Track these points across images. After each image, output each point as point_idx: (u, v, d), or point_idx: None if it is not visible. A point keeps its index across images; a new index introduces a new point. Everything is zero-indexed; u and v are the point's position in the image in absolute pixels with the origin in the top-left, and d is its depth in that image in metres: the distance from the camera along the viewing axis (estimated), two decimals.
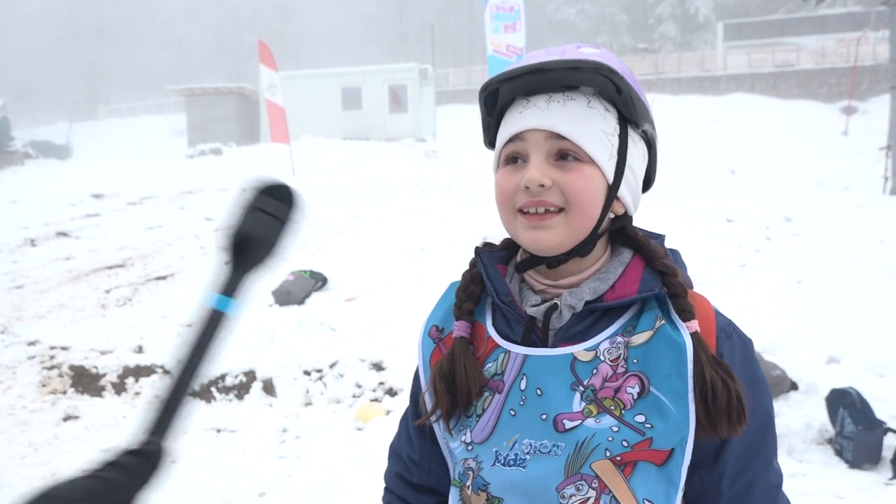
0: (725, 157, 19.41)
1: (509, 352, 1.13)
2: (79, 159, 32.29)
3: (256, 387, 6.77)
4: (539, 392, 1.09)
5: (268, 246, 0.86)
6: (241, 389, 6.78)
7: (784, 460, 5.20)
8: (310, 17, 74.03)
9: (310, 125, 25.74)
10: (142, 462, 0.73)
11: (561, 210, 1.09)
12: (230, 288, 0.84)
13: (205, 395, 6.76)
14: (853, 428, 5.10)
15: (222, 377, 6.86)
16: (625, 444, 1.04)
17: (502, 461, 1.10)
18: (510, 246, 1.25)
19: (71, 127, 40.68)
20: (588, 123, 1.09)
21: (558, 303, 1.12)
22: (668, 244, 1.25)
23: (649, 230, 1.24)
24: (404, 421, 1.33)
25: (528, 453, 1.08)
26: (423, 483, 1.31)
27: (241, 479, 5.11)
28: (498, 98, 1.17)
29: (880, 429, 5.12)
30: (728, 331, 1.12)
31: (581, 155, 1.09)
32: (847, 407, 5.20)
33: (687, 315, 1.08)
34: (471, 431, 1.14)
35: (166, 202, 14.71)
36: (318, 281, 8.56)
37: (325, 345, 7.17)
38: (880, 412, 5.24)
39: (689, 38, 52.86)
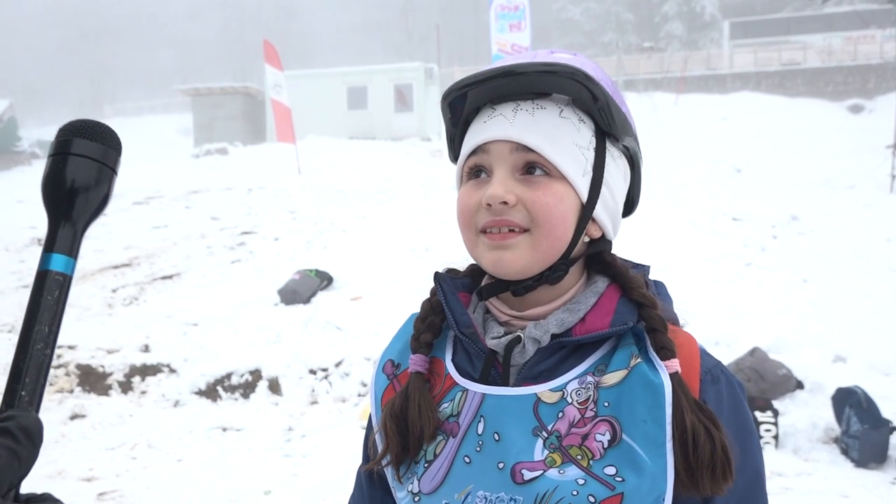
0: (731, 156, 19.36)
1: (467, 390, 1.00)
2: None
3: (262, 386, 6.78)
4: (497, 437, 0.96)
5: (99, 195, 0.79)
6: (247, 388, 6.80)
7: (790, 459, 5.20)
8: (314, 17, 74.12)
9: (315, 125, 25.74)
10: (20, 438, 0.66)
11: (526, 230, 0.97)
12: (69, 246, 0.76)
13: (210, 393, 6.79)
14: (859, 427, 5.09)
15: (228, 376, 6.88)
16: (591, 499, 0.90)
17: None
18: (475, 273, 1.12)
19: None
20: (559, 135, 0.97)
21: (521, 335, 1.00)
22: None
23: (634, 261, 1.12)
24: (358, 474, 1.18)
25: None
26: None
27: (247, 478, 5.13)
28: (465, 106, 1.05)
29: (886, 428, 5.11)
30: (715, 373, 0.99)
31: (550, 169, 0.97)
32: (853, 406, 5.20)
33: (666, 353, 0.95)
34: (418, 480, 1.01)
35: (172, 202, 14.74)
36: (323, 280, 8.58)
37: (330, 344, 7.19)
38: (886, 411, 5.23)
39: (696, 36, 52.74)
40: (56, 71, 70.66)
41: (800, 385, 5.91)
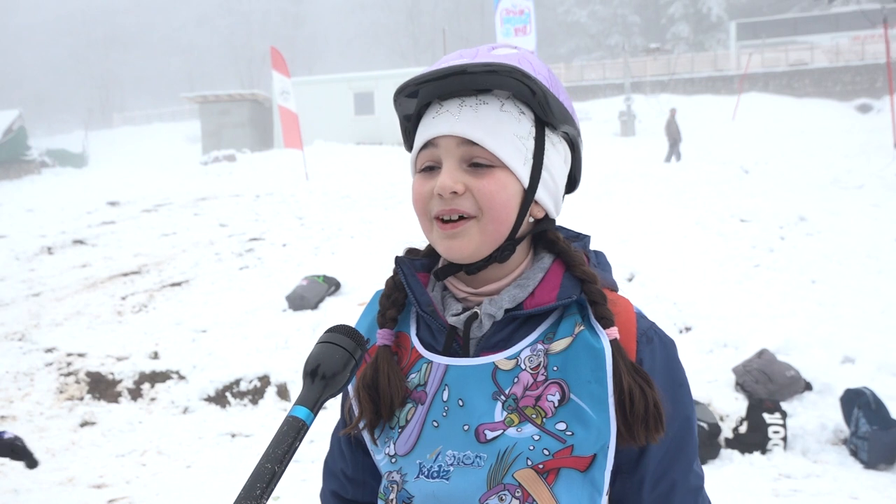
0: (739, 157, 19.33)
1: (432, 362, 1.12)
2: (94, 167, 32.57)
3: (271, 392, 6.81)
4: (461, 403, 1.08)
5: (344, 376, 1.01)
6: (256, 394, 6.82)
7: (799, 461, 5.19)
8: (321, 23, 74.35)
9: (323, 130, 25.84)
10: None
11: (474, 217, 1.08)
12: (313, 404, 0.99)
13: (219, 400, 6.81)
14: (868, 428, 5.07)
15: (237, 382, 6.90)
16: (546, 452, 1.03)
17: (426, 473, 1.08)
18: (433, 253, 1.23)
19: (86, 135, 41.08)
20: (500, 128, 1.07)
21: (478, 312, 1.11)
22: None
23: (574, 231, 1.22)
24: (335, 435, 1.29)
25: (451, 465, 1.07)
26: (357, 499, 1.27)
27: None
28: (416, 101, 1.14)
29: (895, 429, 5.09)
30: (649, 335, 1.11)
31: (493, 160, 1.07)
32: (862, 407, 5.18)
33: (606, 322, 1.07)
34: (394, 443, 1.12)
35: (181, 209, 14.80)
36: (331, 286, 8.60)
37: None
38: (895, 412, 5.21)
39: (702, 38, 52.64)
40: (65, 80, 71.06)
41: (808, 386, 5.89)
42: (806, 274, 8.54)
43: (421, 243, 1.33)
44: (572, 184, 1.22)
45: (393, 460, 1.13)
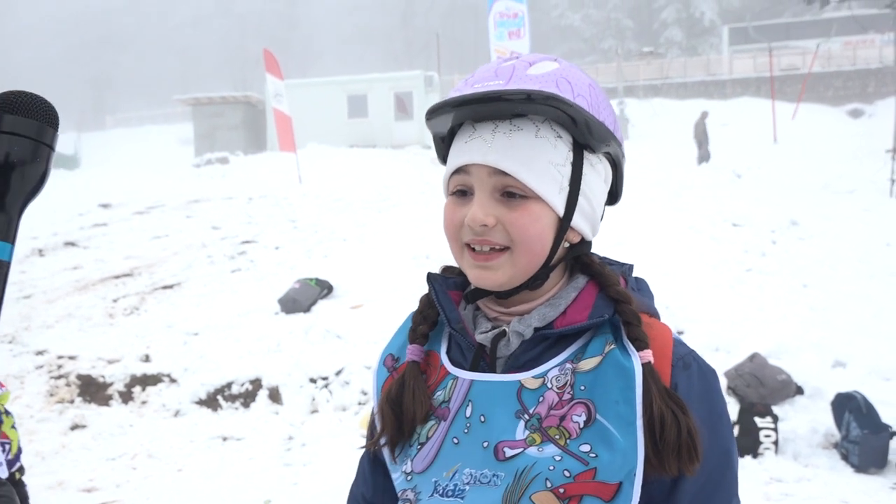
0: (731, 162, 19.38)
1: (457, 378, 1.09)
2: (86, 169, 32.40)
3: (262, 395, 6.79)
4: (483, 419, 1.04)
5: (35, 175, 0.74)
6: (247, 397, 6.80)
7: (790, 465, 5.20)
8: (315, 26, 74.34)
9: (316, 133, 25.76)
10: None
11: (507, 248, 1.04)
12: (5, 231, 0.73)
13: (211, 403, 6.79)
14: (859, 432, 5.09)
15: (228, 385, 6.88)
16: (566, 474, 0.98)
17: (440, 491, 1.05)
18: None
19: (79, 137, 40.99)
20: (535, 157, 1.02)
21: (507, 329, 1.08)
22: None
23: (617, 260, 1.18)
24: (361, 461, 1.27)
25: (467, 483, 1.03)
26: None
27: (248, 487, 5.13)
28: (449, 121, 1.09)
29: (886, 433, 5.11)
30: (687, 360, 1.05)
31: (527, 191, 1.02)
32: (853, 411, 5.19)
33: (640, 344, 1.02)
34: (412, 460, 1.10)
35: (173, 211, 14.75)
36: (323, 289, 8.58)
37: (331, 352, 7.20)
38: (886, 416, 5.23)
39: (695, 42, 52.78)
40: (57, 81, 70.80)
41: (799, 390, 5.91)
42: (798, 278, 8.58)
43: (413, 255, 1.31)
44: (613, 197, 1.17)
45: (409, 478, 1.10)
